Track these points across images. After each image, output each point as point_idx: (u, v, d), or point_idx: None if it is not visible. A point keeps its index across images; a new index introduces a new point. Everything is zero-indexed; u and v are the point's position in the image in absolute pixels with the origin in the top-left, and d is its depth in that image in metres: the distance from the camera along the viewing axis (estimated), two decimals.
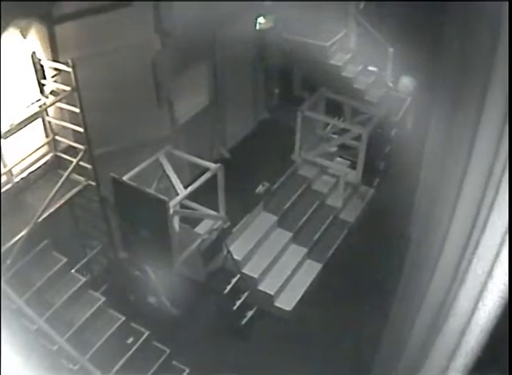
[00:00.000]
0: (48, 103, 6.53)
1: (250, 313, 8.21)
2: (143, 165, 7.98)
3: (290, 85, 11.69)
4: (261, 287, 8.51)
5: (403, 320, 4.16)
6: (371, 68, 11.49)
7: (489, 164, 2.80)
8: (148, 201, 7.11)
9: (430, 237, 3.65)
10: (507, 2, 2.52)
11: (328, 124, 10.39)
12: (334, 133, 10.23)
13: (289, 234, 9.17)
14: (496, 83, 2.70)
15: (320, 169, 10.24)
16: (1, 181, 6.36)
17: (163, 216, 6.97)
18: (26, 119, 6.17)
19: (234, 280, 8.14)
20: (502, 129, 2.70)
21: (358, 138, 9.28)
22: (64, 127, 6.78)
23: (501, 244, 2.73)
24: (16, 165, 6.58)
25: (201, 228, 8.06)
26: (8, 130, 5.98)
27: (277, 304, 8.51)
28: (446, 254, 3.37)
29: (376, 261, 8.88)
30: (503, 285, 2.75)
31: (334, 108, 10.09)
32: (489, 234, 2.81)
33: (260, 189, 9.30)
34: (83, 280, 6.89)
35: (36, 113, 6.37)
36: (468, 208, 3.04)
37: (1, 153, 6.20)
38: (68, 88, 6.28)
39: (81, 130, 6.54)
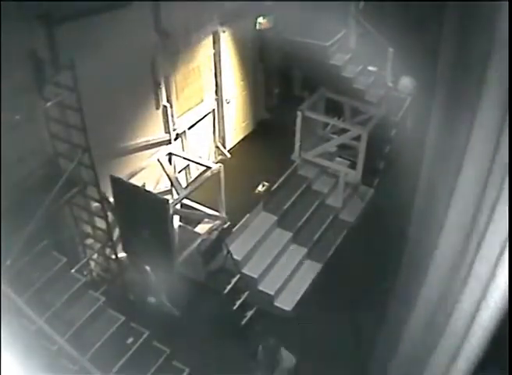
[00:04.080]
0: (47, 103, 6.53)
1: (250, 313, 8.22)
2: (143, 165, 8.00)
3: (290, 85, 11.69)
4: (261, 287, 8.51)
5: (402, 321, 4.16)
6: (371, 68, 11.49)
7: (490, 164, 2.79)
8: (148, 201, 7.11)
9: (430, 237, 3.64)
10: (507, 2, 2.52)
11: (328, 124, 10.38)
12: (334, 133, 10.22)
13: (289, 234, 9.17)
14: (497, 82, 2.70)
15: (320, 169, 10.23)
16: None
17: (163, 216, 6.98)
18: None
19: (234, 280, 8.14)
20: (502, 128, 2.70)
21: (358, 138, 9.27)
22: (63, 127, 6.78)
23: (503, 245, 2.72)
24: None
25: (201, 228, 8.06)
26: None
27: (277, 304, 8.51)
28: (446, 255, 3.36)
29: (376, 261, 8.88)
30: (505, 286, 2.75)
31: (334, 108, 10.08)
32: (492, 235, 2.80)
33: (260, 189, 9.30)
34: (83, 280, 6.89)
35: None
36: (469, 209, 3.04)
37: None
38: (67, 88, 6.28)
39: (80, 130, 6.54)
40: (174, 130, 8.77)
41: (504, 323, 2.91)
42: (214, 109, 9.86)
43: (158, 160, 8.10)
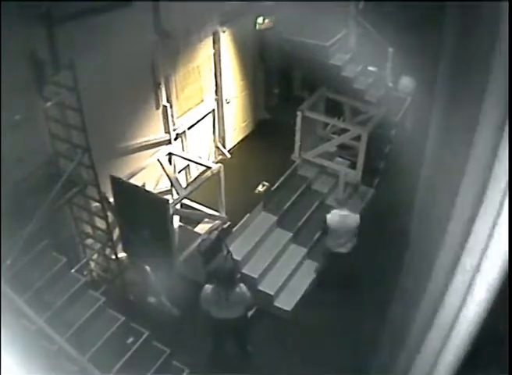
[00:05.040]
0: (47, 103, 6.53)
1: (250, 313, 8.21)
2: (143, 165, 8.01)
3: (290, 85, 11.70)
4: (260, 287, 8.51)
5: (401, 319, 4.16)
6: (371, 68, 11.50)
7: (493, 161, 2.78)
8: (148, 201, 7.12)
9: (428, 236, 3.64)
10: (507, 2, 2.52)
11: (328, 124, 10.38)
12: (334, 133, 10.22)
13: (289, 234, 9.17)
14: (496, 82, 2.70)
15: (320, 169, 10.24)
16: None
17: (163, 216, 6.98)
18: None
19: None
20: (502, 128, 2.70)
21: (358, 138, 9.28)
22: (63, 127, 6.78)
23: (489, 237, 2.71)
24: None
25: (201, 228, 8.06)
26: None
27: (277, 304, 8.50)
28: (444, 253, 3.36)
29: (376, 261, 8.88)
30: (491, 279, 2.73)
31: (334, 108, 10.08)
32: (478, 228, 2.78)
33: (260, 189, 9.31)
34: (83, 280, 6.89)
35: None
36: (466, 207, 3.03)
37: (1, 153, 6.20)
38: (67, 88, 6.28)
39: (80, 130, 6.54)
40: (174, 130, 8.77)
41: (494, 317, 2.89)
42: (214, 109, 9.87)
43: (158, 160, 8.10)
